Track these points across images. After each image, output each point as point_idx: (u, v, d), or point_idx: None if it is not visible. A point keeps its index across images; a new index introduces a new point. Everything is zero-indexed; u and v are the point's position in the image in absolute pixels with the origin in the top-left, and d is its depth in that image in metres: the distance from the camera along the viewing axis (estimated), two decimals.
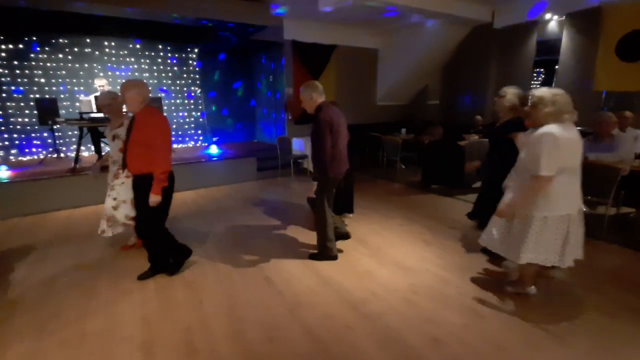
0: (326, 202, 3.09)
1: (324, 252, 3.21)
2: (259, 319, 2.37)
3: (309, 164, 6.81)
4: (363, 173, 7.00)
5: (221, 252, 3.45)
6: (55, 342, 2.16)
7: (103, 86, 5.67)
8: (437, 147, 5.93)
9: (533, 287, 2.61)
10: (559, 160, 2.10)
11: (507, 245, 2.43)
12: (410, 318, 2.36)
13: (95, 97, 5.28)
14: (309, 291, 2.71)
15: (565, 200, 2.20)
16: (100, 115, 5.30)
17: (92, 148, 5.75)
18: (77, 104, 6.55)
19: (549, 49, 7.10)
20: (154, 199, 2.60)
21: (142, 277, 2.90)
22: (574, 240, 2.27)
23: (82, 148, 5.93)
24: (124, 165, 2.74)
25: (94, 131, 5.40)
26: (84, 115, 5.12)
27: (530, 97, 2.24)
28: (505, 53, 6.99)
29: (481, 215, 3.35)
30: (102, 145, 5.61)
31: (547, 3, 6.14)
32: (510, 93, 2.98)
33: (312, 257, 3.27)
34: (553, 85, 7.10)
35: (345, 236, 3.64)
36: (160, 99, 7.12)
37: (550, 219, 2.21)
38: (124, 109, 3.24)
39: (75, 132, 6.45)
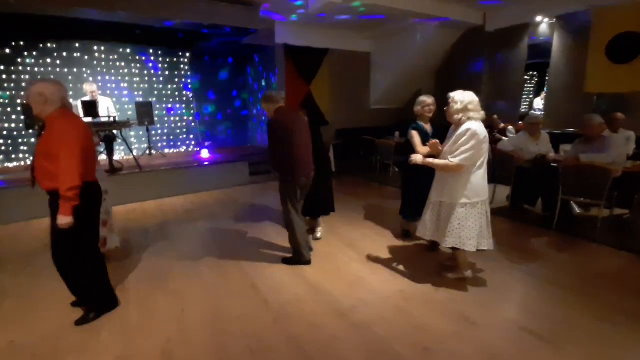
0: (292, 206, 3.04)
1: (296, 257, 3.17)
2: (242, 329, 2.28)
3: None
4: (357, 177, 6.94)
5: (208, 259, 3.35)
6: (26, 357, 2.05)
7: (94, 92, 5.59)
8: None
9: (469, 270, 2.85)
10: (480, 153, 2.45)
11: (437, 232, 2.71)
12: (400, 326, 2.28)
13: (84, 102, 5.17)
14: (296, 299, 2.62)
15: (482, 188, 2.54)
16: (89, 119, 5.22)
17: None
18: None
19: (541, 52, 7.13)
20: (63, 221, 2.10)
21: (81, 321, 2.37)
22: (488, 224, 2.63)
23: None
24: (33, 181, 2.28)
25: None
26: None
27: (448, 98, 2.60)
28: (497, 56, 7.00)
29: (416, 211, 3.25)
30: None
31: (537, 5, 6.15)
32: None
33: (285, 261, 3.21)
34: (545, 88, 7.10)
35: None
36: (150, 103, 7.03)
37: (470, 206, 2.52)
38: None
39: None
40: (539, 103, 9.65)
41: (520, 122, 6.65)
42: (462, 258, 2.79)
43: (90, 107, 5.04)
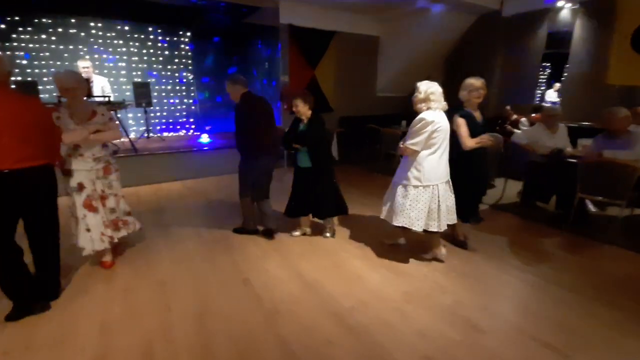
0: (244, 186, 3.26)
1: (244, 226, 3.47)
2: (230, 329, 2.11)
3: None
4: (359, 166, 6.71)
5: (200, 250, 3.18)
6: None
7: (87, 68, 5.34)
8: None
9: (403, 239, 3.18)
10: (432, 140, 2.60)
11: (390, 213, 2.87)
12: (401, 332, 2.10)
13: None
14: (290, 297, 2.45)
15: (434, 174, 2.67)
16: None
17: None
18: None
19: (557, 42, 6.73)
20: None
21: (9, 317, 2.15)
22: (444, 208, 2.72)
23: None
24: None
25: None
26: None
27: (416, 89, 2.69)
28: (512, 44, 6.62)
29: None
30: None
31: None
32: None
33: (235, 230, 3.51)
34: (562, 78, 6.71)
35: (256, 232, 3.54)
36: (148, 84, 6.79)
37: (422, 188, 2.68)
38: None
39: None
40: (551, 95, 9.27)
41: (533, 114, 6.34)
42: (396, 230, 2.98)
43: None
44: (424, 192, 2.67)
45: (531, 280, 2.70)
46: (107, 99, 5.08)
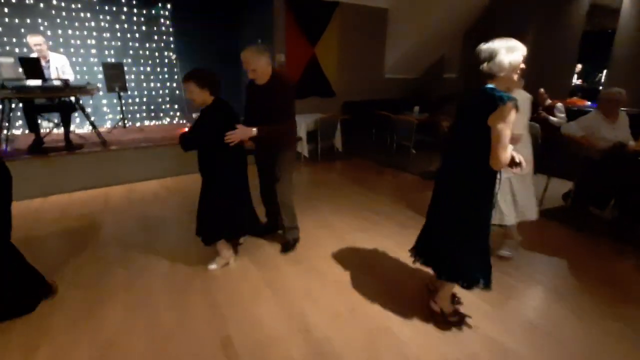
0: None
1: (296, 235, 2.88)
2: None
3: (303, 148, 5.68)
4: (367, 160, 5.89)
5: (169, 287, 2.38)
6: None
7: (40, 45, 4.42)
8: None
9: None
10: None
11: (521, 210, 2.58)
12: None
13: (23, 60, 4.01)
14: None
15: None
16: (37, 83, 4.11)
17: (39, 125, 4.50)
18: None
19: (601, 18, 5.81)
20: None
21: None
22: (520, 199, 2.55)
23: (21, 125, 4.72)
24: None
25: (27, 104, 4.22)
26: (7, 84, 3.90)
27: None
28: (547, 17, 5.69)
29: None
30: (41, 121, 4.46)
31: None
32: None
33: (287, 248, 2.80)
34: (610, 59, 5.80)
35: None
36: (121, 65, 5.84)
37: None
38: None
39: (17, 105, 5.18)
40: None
41: (569, 99, 5.51)
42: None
43: (32, 67, 3.92)
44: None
45: (625, 334, 1.94)
46: (63, 82, 4.17)
